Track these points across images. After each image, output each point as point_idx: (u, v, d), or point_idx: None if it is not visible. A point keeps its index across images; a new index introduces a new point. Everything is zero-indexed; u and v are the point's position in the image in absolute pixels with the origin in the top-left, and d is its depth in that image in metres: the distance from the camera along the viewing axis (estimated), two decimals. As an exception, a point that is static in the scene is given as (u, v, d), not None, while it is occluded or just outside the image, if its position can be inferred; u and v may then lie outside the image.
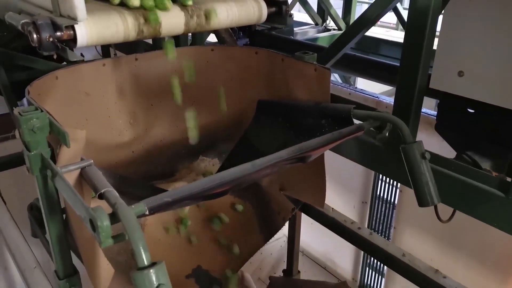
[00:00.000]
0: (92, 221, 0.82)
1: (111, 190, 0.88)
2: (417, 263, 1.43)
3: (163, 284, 0.78)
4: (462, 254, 2.65)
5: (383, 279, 3.36)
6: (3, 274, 2.27)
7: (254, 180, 1.14)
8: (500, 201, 1.32)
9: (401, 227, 3.01)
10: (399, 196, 3.03)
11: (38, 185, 1.04)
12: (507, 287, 2.46)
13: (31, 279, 1.27)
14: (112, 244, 0.84)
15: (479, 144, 1.55)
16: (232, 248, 1.75)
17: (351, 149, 1.70)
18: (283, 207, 1.76)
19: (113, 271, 1.23)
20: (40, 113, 0.95)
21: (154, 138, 1.64)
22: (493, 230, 2.51)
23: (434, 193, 1.18)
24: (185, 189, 0.96)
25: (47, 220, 1.11)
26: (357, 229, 1.62)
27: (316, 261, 3.83)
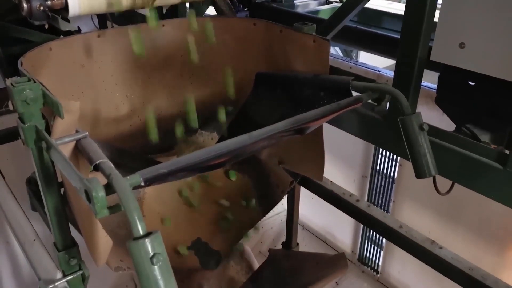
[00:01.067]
0: (87, 192, 0.82)
1: (106, 161, 0.88)
2: (414, 235, 1.44)
3: (159, 253, 0.78)
4: (459, 227, 2.68)
5: (381, 251, 3.40)
6: (5, 248, 2.30)
7: (252, 152, 1.13)
8: (498, 173, 1.31)
9: (400, 201, 3.03)
10: (398, 170, 3.03)
11: (33, 157, 1.04)
12: (503, 259, 2.49)
13: (30, 251, 1.28)
14: (107, 214, 0.84)
15: (479, 117, 1.54)
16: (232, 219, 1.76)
17: (350, 123, 1.69)
18: (282, 180, 1.76)
19: (111, 243, 1.24)
20: (33, 84, 0.94)
21: (151, 111, 1.62)
22: (490, 203, 2.52)
23: (432, 164, 1.18)
24: (181, 160, 0.96)
25: (44, 192, 1.11)
26: (355, 202, 1.62)
27: (315, 234, 3.87)
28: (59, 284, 1.18)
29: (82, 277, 1.24)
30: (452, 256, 1.35)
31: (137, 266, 0.79)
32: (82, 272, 1.23)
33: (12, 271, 2.38)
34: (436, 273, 2.94)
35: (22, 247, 1.31)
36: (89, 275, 1.24)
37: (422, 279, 3.09)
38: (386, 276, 3.36)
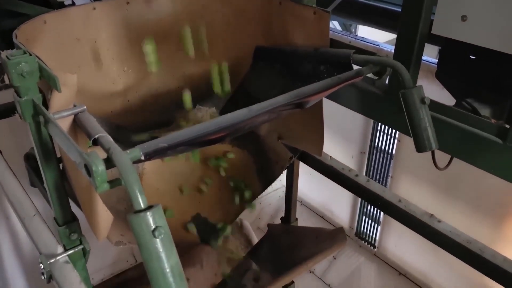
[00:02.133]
0: (87, 166, 0.81)
1: (105, 135, 0.87)
2: (413, 208, 1.45)
3: (160, 226, 0.78)
4: (457, 202, 2.70)
5: (378, 226, 3.44)
6: (5, 223, 2.31)
7: (251, 126, 1.12)
8: (497, 147, 1.31)
9: (398, 177, 3.05)
10: (397, 146, 3.03)
11: (31, 132, 1.03)
12: (500, 233, 2.52)
13: (31, 226, 1.28)
14: (108, 189, 0.84)
15: (479, 91, 1.53)
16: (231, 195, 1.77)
17: (350, 98, 1.68)
18: (281, 156, 1.76)
19: (112, 217, 1.24)
20: (28, 57, 0.92)
21: (149, 86, 1.60)
22: (488, 178, 2.54)
23: (433, 138, 1.18)
24: (180, 134, 0.95)
25: (43, 168, 1.10)
26: (354, 177, 1.63)
27: (314, 210, 3.90)
28: (60, 258, 1.18)
29: (83, 251, 1.24)
30: (451, 230, 1.37)
31: (138, 240, 0.79)
32: (83, 247, 1.24)
33: (12, 247, 2.39)
34: (432, 247, 2.97)
35: (22, 222, 1.31)
36: (90, 250, 1.25)
37: (418, 252, 3.13)
38: (383, 250, 3.40)
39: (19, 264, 2.47)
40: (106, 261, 2.86)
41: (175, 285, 0.80)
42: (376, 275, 3.45)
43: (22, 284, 2.53)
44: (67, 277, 1.15)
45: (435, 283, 3.08)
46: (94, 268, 2.69)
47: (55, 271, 1.17)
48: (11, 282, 2.49)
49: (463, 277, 2.88)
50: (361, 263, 3.55)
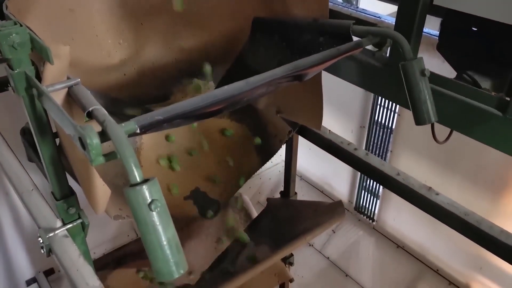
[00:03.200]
0: (81, 139, 0.80)
1: (99, 108, 0.86)
2: (411, 181, 1.45)
3: (157, 199, 0.78)
4: (456, 176, 2.71)
5: (377, 201, 3.46)
6: (5, 199, 2.32)
7: (249, 99, 1.10)
8: (497, 120, 1.30)
9: (398, 151, 3.04)
10: (396, 121, 3.02)
11: (25, 105, 1.01)
12: (497, 206, 2.53)
13: (29, 201, 1.28)
14: (103, 162, 0.83)
15: (480, 64, 1.51)
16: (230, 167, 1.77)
17: (349, 71, 1.66)
18: (280, 129, 1.75)
19: (109, 191, 1.24)
20: (19, 28, 0.90)
21: (145, 59, 1.58)
22: (487, 151, 2.53)
23: (432, 111, 1.16)
24: (177, 106, 0.94)
25: (39, 142, 1.09)
26: (353, 150, 1.62)
27: (313, 185, 3.91)
28: (59, 232, 1.19)
29: (82, 225, 1.25)
30: (448, 202, 1.37)
31: (135, 213, 0.79)
32: (82, 221, 1.24)
33: (13, 222, 2.41)
34: (430, 220, 3.00)
35: (20, 197, 1.32)
36: (88, 223, 1.25)
37: (416, 226, 3.16)
38: (382, 224, 3.44)
39: (20, 239, 2.49)
40: (107, 236, 2.88)
41: (172, 257, 0.80)
42: (374, 248, 3.49)
43: (24, 259, 2.56)
44: (66, 251, 1.16)
45: (432, 255, 3.13)
46: (95, 242, 2.72)
47: (54, 245, 1.17)
48: (13, 257, 2.52)
49: (460, 249, 2.92)
50: (360, 236, 3.59)
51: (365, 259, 3.55)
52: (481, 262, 2.81)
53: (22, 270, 2.60)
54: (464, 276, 2.95)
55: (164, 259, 0.80)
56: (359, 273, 3.51)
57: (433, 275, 3.12)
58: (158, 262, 0.80)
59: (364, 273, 3.51)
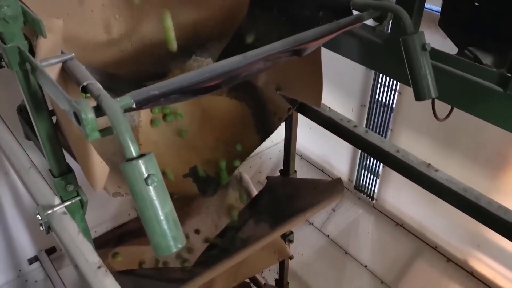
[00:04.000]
0: (76, 114, 0.79)
1: (94, 82, 0.85)
2: (411, 158, 1.44)
3: (153, 174, 0.77)
4: (455, 154, 2.70)
5: (377, 180, 3.46)
6: (4, 178, 2.32)
7: (247, 75, 1.09)
8: (498, 96, 1.29)
9: (398, 130, 3.03)
10: (397, 99, 3.00)
11: (19, 81, 1.00)
12: (497, 183, 2.53)
13: (27, 178, 1.28)
14: (99, 137, 0.82)
15: (482, 40, 1.49)
16: (229, 146, 1.76)
17: (349, 47, 1.63)
18: (279, 107, 1.74)
19: (107, 168, 1.24)
20: (11, 0, 0.88)
21: (142, 35, 1.55)
22: (487, 129, 2.53)
23: (432, 86, 1.15)
24: (173, 81, 0.93)
25: (35, 118, 1.08)
26: (353, 128, 1.61)
27: (313, 164, 3.92)
28: (58, 210, 1.19)
29: (80, 202, 1.25)
30: (447, 178, 1.37)
31: (131, 188, 0.79)
32: (80, 198, 1.24)
33: (13, 202, 2.42)
34: (429, 198, 3.01)
35: (18, 175, 1.31)
36: (87, 201, 1.25)
37: (415, 204, 3.18)
38: (381, 202, 3.45)
39: (21, 219, 2.51)
40: (108, 215, 2.90)
41: (170, 232, 0.80)
42: (374, 226, 3.52)
43: (25, 238, 2.59)
44: (66, 228, 1.16)
45: (430, 233, 3.15)
46: (95, 221, 2.73)
47: (53, 222, 1.17)
48: (14, 236, 2.54)
49: (458, 227, 2.94)
50: (360, 214, 3.61)
51: (365, 237, 3.58)
52: (479, 239, 2.84)
53: (24, 249, 2.62)
54: (462, 253, 2.98)
55: (161, 234, 0.80)
56: (358, 251, 3.55)
57: (432, 252, 3.15)
58: (156, 237, 0.80)
59: (363, 250, 3.54)
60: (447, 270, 3.07)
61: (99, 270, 1.05)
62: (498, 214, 1.25)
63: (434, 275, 3.12)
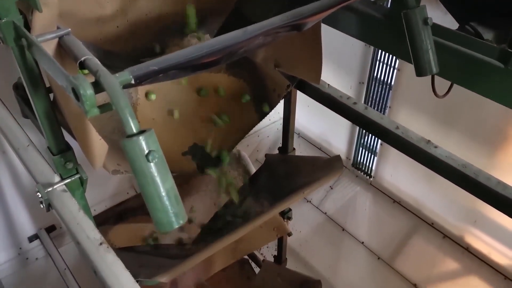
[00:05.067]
0: (75, 90, 0.78)
1: (92, 58, 0.83)
2: (410, 135, 1.44)
3: (154, 150, 0.77)
4: (454, 132, 2.70)
5: (375, 157, 3.47)
6: (2, 157, 2.31)
7: (246, 50, 1.07)
8: (499, 72, 1.27)
9: (396, 107, 3.02)
10: (396, 76, 2.98)
11: (15, 57, 0.98)
12: (496, 161, 2.54)
13: (25, 156, 1.27)
14: (98, 113, 0.81)
15: (483, 15, 1.47)
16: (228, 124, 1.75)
17: (349, 23, 1.61)
18: (278, 84, 1.72)
19: (106, 146, 1.23)
20: (4, -26, 0.86)
21: (139, 10, 1.52)
22: (486, 106, 2.52)
23: (434, 61, 1.14)
24: (172, 56, 0.91)
25: (32, 95, 1.07)
26: (352, 104, 1.60)
27: (311, 142, 3.92)
28: (58, 187, 1.19)
29: (80, 180, 1.25)
30: (447, 155, 1.37)
31: (132, 164, 0.78)
32: (80, 176, 1.24)
33: (12, 180, 2.42)
34: (426, 175, 3.04)
35: (17, 153, 1.31)
36: (87, 178, 1.25)
37: (412, 181, 3.20)
38: (379, 180, 3.47)
39: (20, 197, 2.51)
40: (107, 193, 2.91)
41: (172, 208, 0.80)
42: (371, 203, 3.55)
43: (24, 216, 2.60)
44: (66, 205, 1.16)
45: (427, 209, 3.18)
46: (95, 200, 2.74)
47: (53, 200, 1.18)
48: (14, 214, 2.55)
49: (455, 203, 2.96)
50: (357, 192, 3.63)
51: (362, 214, 3.62)
52: (475, 215, 2.86)
53: (24, 227, 2.64)
54: (458, 229, 3.02)
55: (163, 210, 0.80)
56: (355, 228, 3.58)
57: (428, 228, 3.18)
58: (157, 213, 0.81)
59: (360, 227, 3.58)
60: (443, 246, 3.11)
61: (101, 246, 1.06)
62: (497, 190, 1.26)
63: (430, 251, 3.17)
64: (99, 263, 1.04)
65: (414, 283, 3.20)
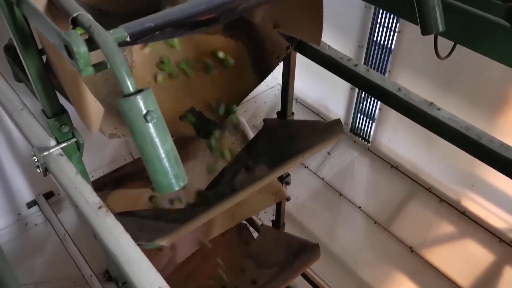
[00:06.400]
0: (68, 48, 0.75)
1: (84, 13, 0.79)
2: (412, 97, 1.41)
3: (152, 110, 0.74)
4: (454, 95, 2.67)
5: (373, 123, 3.45)
6: (-1, 124, 2.29)
7: (245, 8, 1.03)
8: (504, 32, 1.23)
9: (397, 71, 2.98)
10: (396, 39, 2.92)
11: (4, 15, 0.94)
12: (496, 124, 2.53)
13: (20, 120, 1.24)
14: (92, 72, 0.78)
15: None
16: (226, 87, 1.71)
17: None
18: (277, 45, 1.67)
19: (102, 109, 1.20)
20: None
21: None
22: (487, 68, 2.48)
23: (440, 19, 1.10)
24: (168, 12, 0.87)
25: (23, 55, 1.03)
26: (353, 66, 1.56)
27: (309, 108, 3.88)
28: (54, 151, 1.16)
29: (77, 144, 1.22)
30: (449, 117, 1.35)
31: (130, 125, 0.76)
32: (76, 139, 1.21)
33: (8, 147, 2.40)
34: (424, 140, 3.03)
35: (11, 117, 1.28)
36: (83, 142, 1.23)
37: (411, 146, 3.20)
38: (377, 145, 3.46)
39: (17, 164, 2.49)
40: (104, 160, 2.89)
41: (171, 169, 0.78)
42: (368, 168, 3.56)
43: (22, 182, 2.59)
44: (63, 169, 1.14)
45: (425, 174, 3.19)
46: (92, 166, 2.73)
47: (50, 164, 1.16)
48: (12, 181, 2.54)
49: (452, 168, 2.97)
50: (355, 158, 3.63)
51: (359, 179, 3.63)
52: (473, 179, 2.88)
53: (22, 193, 2.63)
54: (455, 193, 3.04)
55: (163, 172, 0.78)
56: (353, 193, 3.61)
57: (425, 193, 3.21)
58: (157, 175, 0.79)
59: (357, 192, 3.60)
60: (439, 210, 3.14)
61: (100, 210, 1.05)
62: (499, 152, 1.24)
63: (427, 215, 3.20)
64: (98, 226, 1.03)
65: (410, 246, 3.25)
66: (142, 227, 1.60)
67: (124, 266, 0.95)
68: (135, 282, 0.92)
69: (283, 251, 2.25)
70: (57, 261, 2.77)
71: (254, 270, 2.26)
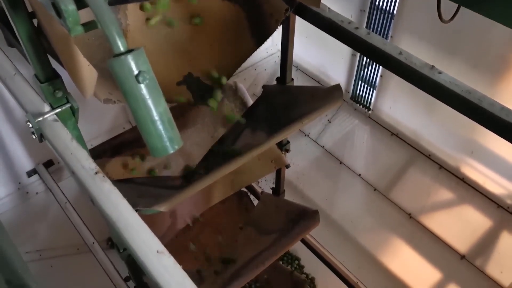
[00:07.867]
0: (56, 6, 0.72)
1: (71, -30, 0.76)
2: (414, 60, 1.38)
3: (144, 71, 0.72)
4: (456, 61, 2.63)
5: (374, 91, 3.42)
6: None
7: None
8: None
9: (398, 36, 2.92)
10: (399, 3, 2.85)
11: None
12: (498, 90, 2.50)
13: (13, 86, 1.22)
14: (82, 32, 0.76)
15: None
16: (224, 50, 1.67)
17: None
18: (276, 7, 1.62)
19: (96, 73, 1.18)
20: None
21: None
22: (489, 33, 2.43)
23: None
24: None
25: (13, 18, 1.00)
26: (354, 30, 1.52)
27: (309, 75, 3.83)
28: (48, 117, 1.15)
29: (71, 109, 1.21)
30: (451, 81, 1.32)
31: (122, 87, 0.74)
32: (71, 105, 1.19)
33: (5, 116, 2.38)
34: (425, 107, 3.00)
35: (4, 83, 1.25)
36: (78, 108, 1.21)
37: (411, 113, 3.18)
38: (377, 112, 3.44)
39: (15, 133, 2.48)
40: (103, 128, 2.88)
41: (166, 132, 0.77)
42: (369, 136, 3.54)
43: (21, 151, 2.59)
44: (58, 135, 1.13)
45: (425, 141, 3.19)
46: (91, 135, 2.73)
47: (45, 130, 1.14)
48: (11, 150, 2.54)
49: (452, 135, 2.96)
50: (355, 125, 3.62)
51: (360, 147, 3.63)
52: (472, 146, 2.87)
53: (22, 162, 2.64)
54: (455, 160, 3.04)
55: (157, 134, 0.77)
56: (353, 160, 3.61)
57: (425, 160, 3.21)
58: (151, 138, 0.78)
59: (357, 160, 3.60)
60: (439, 177, 3.15)
61: (96, 176, 1.04)
62: (500, 116, 1.22)
63: (426, 182, 3.21)
64: (95, 192, 1.02)
65: (409, 213, 3.28)
66: (141, 193, 1.60)
67: (122, 231, 0.95)
68: (133, 246, 0.93)
69: (283, 217, 2.26)
70: (59, 229, 2.81)
71: (254, 236, 2.28)
